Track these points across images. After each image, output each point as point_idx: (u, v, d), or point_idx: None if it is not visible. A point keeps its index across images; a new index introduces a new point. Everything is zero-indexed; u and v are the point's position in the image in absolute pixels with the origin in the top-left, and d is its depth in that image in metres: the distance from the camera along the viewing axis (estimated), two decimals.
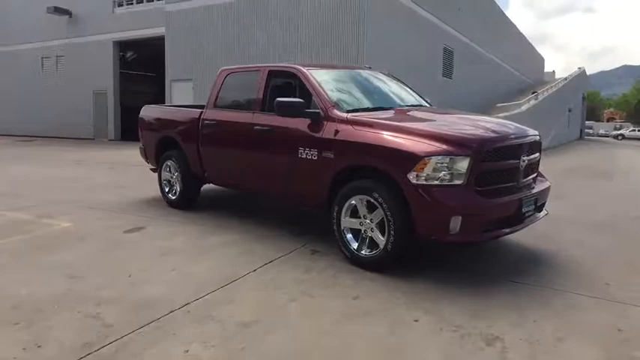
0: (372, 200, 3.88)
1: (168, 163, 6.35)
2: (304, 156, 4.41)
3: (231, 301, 3.43)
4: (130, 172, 10.23)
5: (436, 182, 3.58)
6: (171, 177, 6.35)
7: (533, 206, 4.03)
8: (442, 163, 3.58)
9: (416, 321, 3.15)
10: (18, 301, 3.36)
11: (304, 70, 4.76)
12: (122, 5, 19.88)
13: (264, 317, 3.18)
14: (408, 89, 5.50)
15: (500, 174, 3.83)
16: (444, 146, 3.63)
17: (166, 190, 6.48)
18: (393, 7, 13.80)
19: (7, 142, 20.11)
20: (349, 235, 4.13)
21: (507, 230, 3.88)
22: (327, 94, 4.46)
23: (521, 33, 32.85)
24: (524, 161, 3.93)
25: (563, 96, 23.20)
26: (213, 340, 2.86)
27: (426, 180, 3.59)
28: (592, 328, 3.10)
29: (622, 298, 3.53)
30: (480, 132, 3.87)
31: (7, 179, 9.24)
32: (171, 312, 3.23)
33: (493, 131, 3.92)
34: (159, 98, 16.49)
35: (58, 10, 20.53)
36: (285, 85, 4.94)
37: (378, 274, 3.92)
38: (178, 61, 15.87)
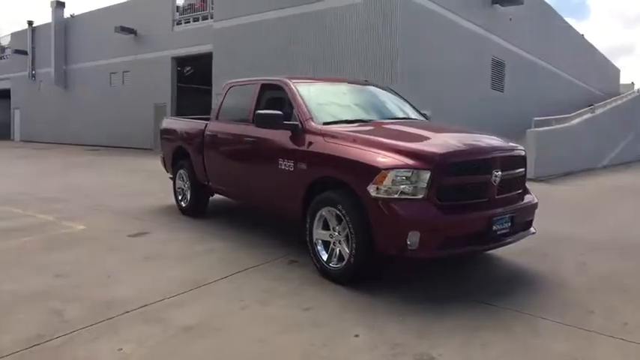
0: (338, 212, 3.88)
1: (181, 172, 6.65)
2: (283, 167, 4.49)
3: (187, 305, 3.55)
4: (166, 181, 10.71)
5: (395, 196, 3.52)
6: (184, 185, 6.64)
7: (509, 224, 3.83)
8: (401, 177, 3.52)
9: (356, 336, 3.10)
10: None
11: (290, 83, 4.85)
12: (180, 24, 21.02)
13: (208, 322, 3.26)
14: (401, 103, 5.43)
15: (465, 189, 3.70)
16: (405, 159, 3.57)
17: (179, 197, 6.78)
18: (432, 20, 13.61)
19: (78, 150, 21.77)
20: (320, 247, 4.13)
21: (475, 248, 3.73)
22: (306, 106, 4.52)
23: (589, 43, 31.11)
24: (496, 177, 3.76)
25: (634, 109, 21.61)
26: (149, 341, 2.98)
27: (385, 193, 3.54)
28: (544, 356, 2.91)
29: (598, 328, 3.26)
30: (445, 146, 3.76)
31: (59, 185, 10.01)
32: (126, 312, 3.39)
33: (461, 145, 3.80)
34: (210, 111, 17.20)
35: (124, 30, 22.07)
36: (275, 98, 5.05)
37: (343, 287, 3.89)
38: (223, 75, 16.49)
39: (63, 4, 26.22)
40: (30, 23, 28.60)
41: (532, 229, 4.28)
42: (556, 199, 8.63)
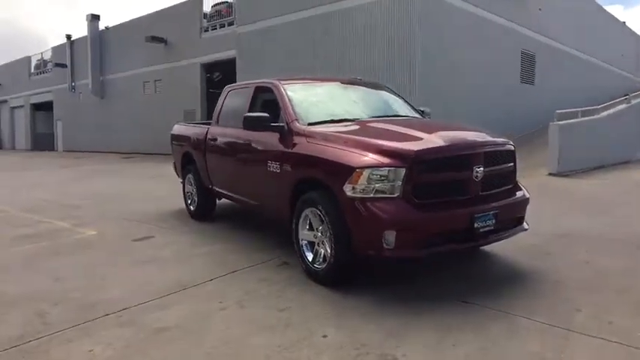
0: (319, 213, 3.86)
1: (189, 176, 6.78)
2: (272, 169, 4.51)
3: (167, 308, 3.61)
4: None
5: (371, 195, 3.47)
6: (192, 190, 6.76)
7: (493, 221, 3.70)
8: (376, 175, 3.46)
9: (324, 336, 3.08)
10: None
11: (279, 84, 4.87)
12: (207, 31, 21.45)
13: (183, 324, 3.31)
14: (395, 100, 5.34)
15: (444, 186, 3.60)
16: (380, 158, 3.52)
17: (189, 202, 6.92)
18: (454, 15, 13.32)
19: (114, 158, 22.55)
20: (305, 248, 4.12)
21: (456, 246, 3.62)
22: (292, 108, 4.52)
23: (631, 30, 29.62)
24: (478, 172, 3.63)
25: None
26: (120, 343, 3.05)
27: (361, 193, 3.49)
28: (513, 356, 2.79)
29: (579, 327, 3.11)
30: (422, 143, 3.67)
31: (84, 192, 10.40)
32: (106, 315, 3.49)
33: (440, 142, 3.69)
34: None
35: (155, 39, 22.72)
36: (267, 101, 5.06)
37: (326, 288, 3.86)
38: (247, 79, 16.73)
39: (98, 17, 27.27)
40: (68, 37, 29.90)
41: (524, 226, 4.12)
42: (576, 194, 8.28)
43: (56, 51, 31.83)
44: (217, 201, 6.64)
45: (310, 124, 4.36)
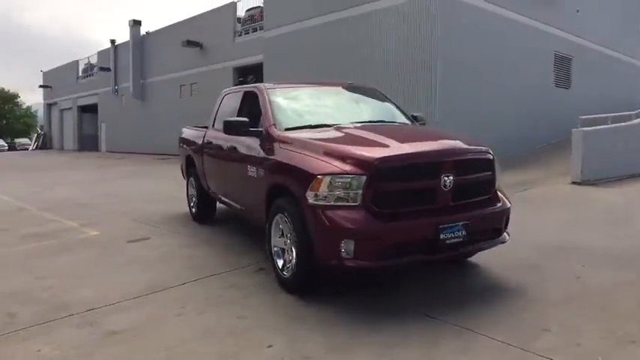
0: (286, 220, 3.80)
1: (191, 179, 6.87)
2: (250, 174, 4.50)
3: (128, 310, 3.66)
4: None
5: (332, 203, 3.39)
6: (193, 192, 6.85)
7: (463, 232, 3.52)
8: (337, 183, 3.38)
9: (269, 346, 3.02)
10: None
11: (263, 89, 4.86)
12: (240, 35, 21.78)
13: (136, 328, 3.34)
14: (382, 105, 5.22)
15: (408, 195, 3.46)
16: (342, 165, 3.44)
17: (191, 204, 7.02)
18: (478, 17, 12.92)
19: (149, 159, 23.23)
20: (276, 255, 4.07)
21: (420, 258, 3.47)
22: (271, 113, 4.50)
23: None
24: (447, 182, 3.47)
25: None
26: (70, 344, 3.11)
27: (322, 200, 3.42)
28: None
29: (540, 348, 2.91)
30: (387, 151, 3.55)
31: (105, 192, 10.76)
32: (70, 315, 3.57)
33: (406, 149, 3.57)
34: None
35: (190, 43, 23.27)
36: (253, 105, 5.04)
37: (291, 296, 3.81)
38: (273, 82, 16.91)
39: (139, 23, 28.23)
40: (112, 42, 31.10)
41: (504, 237, 3.91)
42: (596, 204, 7.82)
43: (101, 55, 33.16)
44: (218, 204, 6.70)
45: (287, 129, 4.31)
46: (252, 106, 5.06)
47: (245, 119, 4.52)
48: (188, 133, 7.32)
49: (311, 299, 3.74)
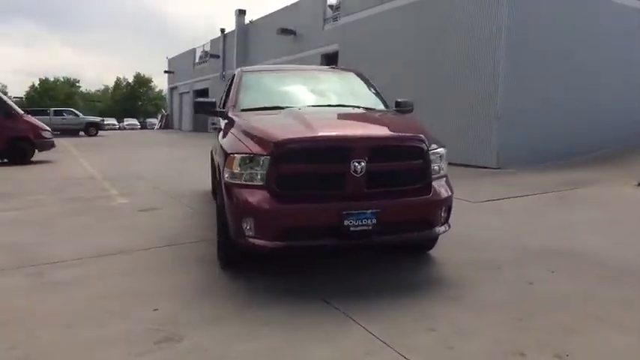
0: None
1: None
2: (215, 153, 4.73)
3: (79, 266, 4.12)
4: None
5: (240, 182, 3.50)
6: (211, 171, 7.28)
7: (373, 220, 3.39)
8: (244, 162, 3.48)
9: (155, 310, 3.24)
10: None
11: (240, 72, 5.07)
12: (329, 22, 22.02)
13: (71, 282, 3.77)
14: (356, 90, 5.10)
15: (313, 178, 3.42)
16: (252, 146, 3.52)
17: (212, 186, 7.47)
18: None
19: None
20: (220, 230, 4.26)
21: (322, 243, 3.43)
22: (236, 94, 4.67)
23: None
24: (357, 167, 3.37)
25: None
26: (8, 288, 3.62)
27: (233, 178, 3.55)
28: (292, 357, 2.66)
29: (402, 345, 2.76)
30: (294, 132, 3.53)
31: (174, 168, 11.78)
32: (31, 266, 4.13)
33: (315, 132, 3.50)
34: None
35: (284, 31, 24.09)
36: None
37: (218, 270, 4.01)
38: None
39: (244, 12, 29.82)
40: (222, 30, 33.22)
41: (437, 230, 3.68)
42: None
43: (213, 43, 35.63)
44: None
45: (242, 110, 4.46)
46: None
47: (212, 100, 4.75)
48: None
49: (235, 275, 3.89)
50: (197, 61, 40.09)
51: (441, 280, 3.92)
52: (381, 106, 4.87)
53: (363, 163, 3.39)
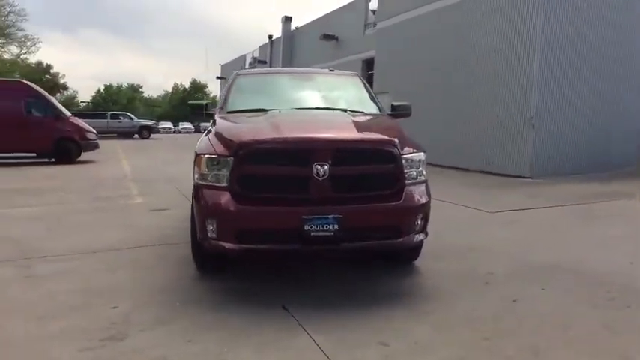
0: None
1: None
2: None
3: (66, 261, 4.26)
4: None
5: (207, 183, 3.50)
6: None
7: (335, 226, 3.26)
8: (210, 164, 3.48)
9: (114, 307, 3.28)
10: None
11: (234, 74, 5.07)
12: (370, 27, 21.86)
13: (51, 275, 3.90)
14: (345, 94, 4.99)
15: (274, 181, 3.34)
16: (218, 147, 3.51)
17: None
18: None
19: None
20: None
21: (282, 247, 3.35)
22: (225, 97, 4.69)
23: None
24: (320, 171, 3.27)
25: None
26: None
27: (201, 179, 3.55)
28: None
29: (337, 353, 2.65)
30: (256, 134, 3.47)
31: None
32: (25, 258, 4.32)
33: (277, 134, 3.43)
34: None
35: (326, 37, 24.15)
36: None
37: (193, 271, 4.02)
38: (382, 74, 16.69)
39: (290, 19, 30.19)
40: (270, 37, 33.81)
41: (409, 238, 3.50)
42: None
43: (262, 49, 36.34)
44: None
45: (228, 112, 4.46)
46: None
47: (203, 102, 4.79)
48: None
49: (206, 276, 3.91)
50: (246, 67, 40.99)
51: (418, 293, 3.73)
52: (373, 110, 4.73)
53: (325, 167, 3.28)
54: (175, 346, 2.77)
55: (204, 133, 4.25)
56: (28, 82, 14.29)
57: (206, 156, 3.51)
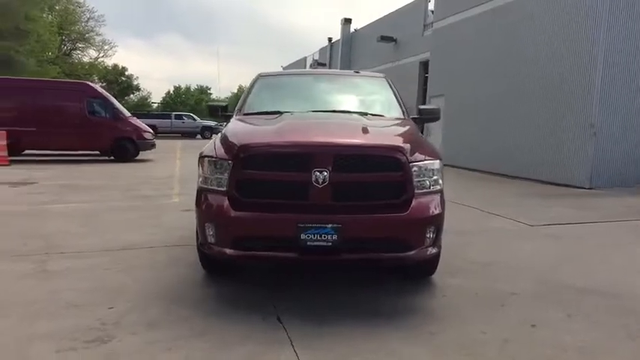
0: None
1: None
2: None
3: (81, 258, 4.35)
4: None
5: (208, 186, 3.43)
6: None
7: (333, 236, 3.07)
8: (213, 167, 3.40)
9: (110, 308, 3.28)
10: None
11: (257, 76, 4.99)
12: (428, 28, 21.25)
13: (62, 272, 3.99)
14: (373, 97, 4.76)
15: (271, 186, 3.19)
16: (220, 150, 3.43)
17: None
18: None
19: None
20: None
21: (278, 255, 3.20)
22: (244, 99, 4.63)
23: None
24: (319, 177, 3.09)
25: None
26: (12, 270, 3.95)
27: (204, 183, 3.50)
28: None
29: None
30: (255, 138, 3.37)
31: None
32: (46, 253, 4.46)
33: (277, 138, 3.29)
34: None
35: (384, 39, 23.75)
36: None
37: (200, 275, 3.98)
38: (436, 76, 16.10)
39: (350, 21, 30.05)
40: (329, 39, 33.84)
41: (417, 252, 3.24)
42: None
43: (322, 52, 36.45)
44: None
45: (245, 114, 4.39)
46: None
47: (223, 104, 4.75)
48: None
49: (209, 280, 3.87)
50: (307, 68, 41.35)
51: (427, 312, 3.44)
52: (396, 114, 4.48)
53: (325, 173, 3.11)
54: (157, 352, 2.70)
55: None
56: (90, 83, 15.13)
57: (207, 158, 3.44)
